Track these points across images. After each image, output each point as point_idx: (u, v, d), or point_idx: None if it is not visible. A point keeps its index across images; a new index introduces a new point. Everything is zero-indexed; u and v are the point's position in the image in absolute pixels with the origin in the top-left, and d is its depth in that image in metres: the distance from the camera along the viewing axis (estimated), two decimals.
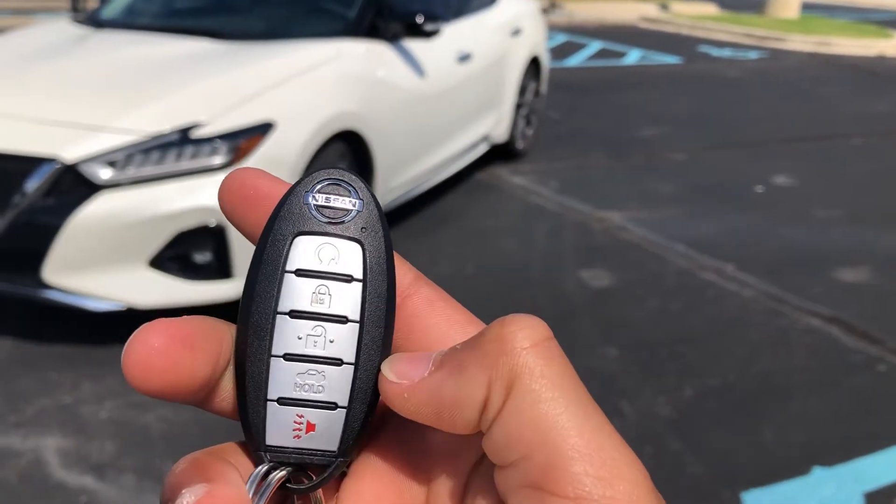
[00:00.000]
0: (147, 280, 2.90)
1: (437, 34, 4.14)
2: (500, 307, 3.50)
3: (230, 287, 3.01)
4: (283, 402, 0.31)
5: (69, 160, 2.82)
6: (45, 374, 2.87)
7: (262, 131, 3.09)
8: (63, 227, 2.77)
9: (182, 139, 2.95)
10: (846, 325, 3.52)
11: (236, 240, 2.93)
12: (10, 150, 2.87)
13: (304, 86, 3.45)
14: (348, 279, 0.31)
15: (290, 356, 0.31)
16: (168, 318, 0.30)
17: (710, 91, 9.20)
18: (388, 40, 4.04)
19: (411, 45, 4.15)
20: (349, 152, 3.60)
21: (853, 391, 3.03)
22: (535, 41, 5.87)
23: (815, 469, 2.55)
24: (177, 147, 2.94)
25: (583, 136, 6.77)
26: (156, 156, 2.91)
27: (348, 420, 0.31)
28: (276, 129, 3.12)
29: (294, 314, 0.31)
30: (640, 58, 11.39)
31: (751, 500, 2.41)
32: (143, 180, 2.87)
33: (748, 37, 14.18)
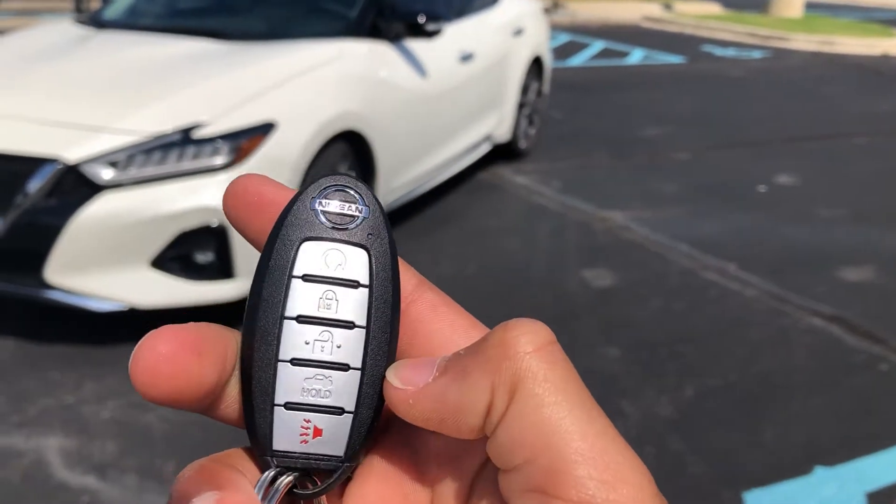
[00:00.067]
0: (149, 280, 2.91)
1: (439, 34, 4.15)
2: (501, 307, 3.51)
3: (232, 287, 3.01)
4: (290, 406, 0.31)
5: (71, 160, 2.82)
6: (47, 374, 2.88)
7: (263, 131, 3.10)
8: (65, 227, 2.78)
9: (184, 139, 2.96)
10: (849, 324, 3.51)
11: (238, 240, 2.93)
12: (13, 150, 2.88)
13: (305, 86, 3.46)
14: (355, 285, 0.31)
15: (297, 361, 0.31)
16: (175, 324, 0.30)
17: (714, 91, 9.19)
18: (389, 40, 4.04)
19: (413, 45, 4.15)
20: (351, 152, 3.60)
21: (855, 391, 3.03)
22: (538, 41, 5.87)
23: (817, 469, 2.54)
24: (178, 147, 2.94)
25: (586, 136, 6.77)
26: (157, 156, 2.91)
27: (355, 425, 0.32)
28: (277, 130, 3.12)
29: (301, 319, 0.31)
30: (644, 57, 11.38)
31: (752, 499, 2.41)
32: (144, 180, 2.88)
33: (752, 36, 14.16)
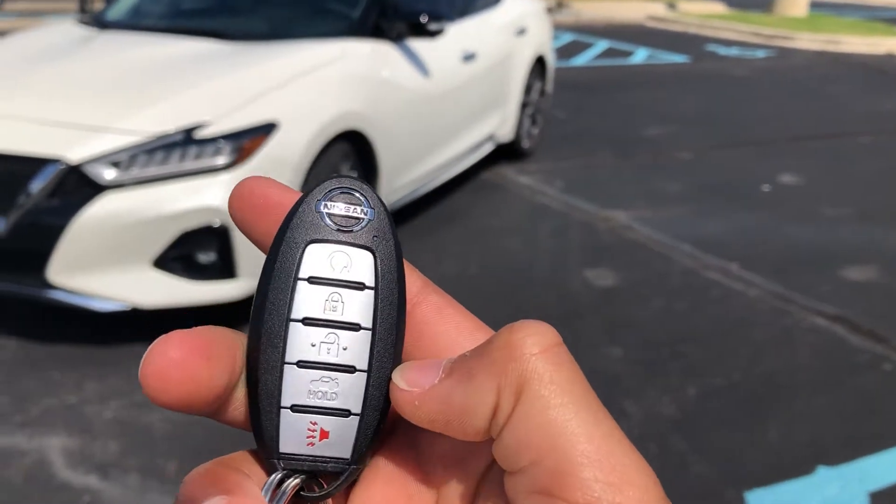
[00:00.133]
0: (151, 280, 2.91)
1: (442, 34, 4.15)
2: (504, 307, 3.51)
3: (234, 287, 3.01)
4: (296, 409, 0.31)
5: (73, 161, 2.83)
6: (49, 374, 2.89)
7: (265, 131, 3.10)
8: (67, 227, 2.78)
9: (186, 139, 2.96)
10: (852, 323, 3.50)
11: (240, 240, 2.93)
12: (15, 150, 2.88)
13: (307, 86, 3.46)
14: (360, 287, 0.31)
15: (303, 363, 0.31)
16: (184, 329, 0.30)
17: (718, 90, 9.17)
18: (392, 40, 4.04)
19: (416, 44, 4.15)
20: (353, 152, 3.60)
21: (858, 390, 3.02)
22: (541, 40, 5.87)
23: (820, 468, 2.54)
24: (180, 147, 2.94)
25: (589, 136, 6.76)
26: (160, 156, 2.91)
27: (361, 427, 0.32)
28: (279, 130, 3.12)
29: (307, 321, 0.31)
30: (647, 57, 11.37)
31: (755, 499, 2.40)
32: (146, 181, 2.88)
33: (756, 35, 14.13)
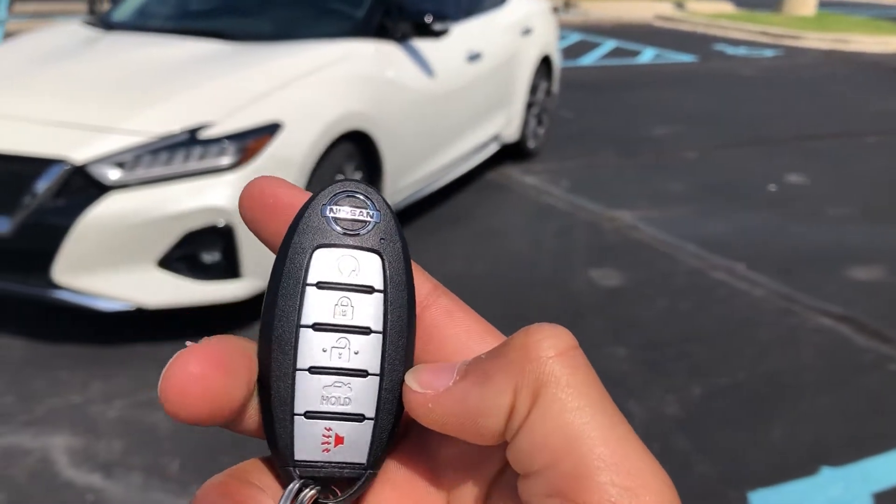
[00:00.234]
0: (156, 280, 2.92)
1: (446, 34, 4.15)
2: (509, 307, 3.51)
3: (238, 287, 3.02)
4: (310, 415, 0.31)
5: (78, 161, 2.84)
6: (55, 373, 2.90)
7: (269, 132, 3.10)
8: (72, 227, 2.79)
9: (190, 140, 2.97)
10: (858, 323, 3.49)
11: (244, 240, 2.94)
12: (21, 151, 2.90)
13: (312, 86, 3.46)
14: (369, 290, 0.31)
15: (315, 369, 0.31)
16: (202, 341, 0.30)
17: (724, 90, 9.15)
18: (396, 40, 4.04)
19: (420, 44, 4.16)
20: (357, 153, 3.60)
21: (863, 390, 3.01)
22: (546, 40, 5.86)
23: (824, 469, 2.53)
24: (185, 148, 2.95)
25: (595, 136, 6.75)
26: (164, 156, 2.92)
27: (376, 431, 0.31)
28: (283, 130, 3.13)
29: (318, 327, 0.31)
30: (655, 56, 11.35)
31: (758, 499, 2.39)
32: (151, 181, 2.89)
33: (764, 35, 14.09)
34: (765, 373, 3.10)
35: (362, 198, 0.32)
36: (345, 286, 0.31)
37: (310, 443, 0.31)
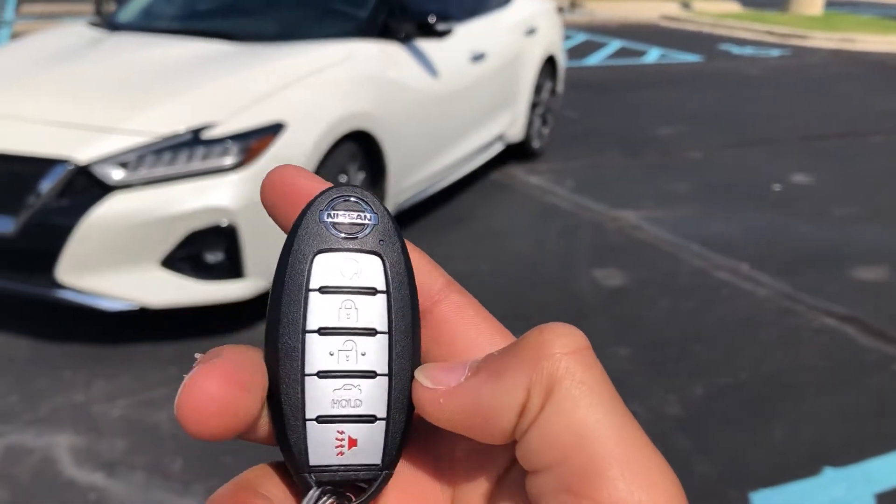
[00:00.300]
0: (159, 280, 2.93)
1: (450, 34, 4.15)
2: (513, 306, 3.51)
3: (242, 286, 3.03)
4: (322, 420, 0.31)
5: (82, 161, 2.85)
6: (59, 372, 2.91)
7: (272, 132, 3.11)
8: (76, 227, 2.81)
9: (193, 140, 2.98)
10: (861, 323, 3.48)
11: (248, 240, 2.95)
12: (25, 151, 2.91)
13: (315, 86, 3.47)
14: (372, 292, 0.32)
15: (323, 373, 0.31)
16: (213, 354, 0.29)
17: (730, 89, 9.13)
18: (400, 40, 4.05)
19: (424, 45, 4.16)
20: (361, 153, 3.61)
21: (866, 391, 3.00)
22: (551, 40, 5.86)
23: (826, 469, 2.52)
24: (188, 148, 2.96)
25: (600, 136, 6.75)
26: (167, 156, 2.93)
27: (389, 431, 0.31)
28: (286, 130, 3.14)
29: (323, 331, 0.31)
30: (660, 56, 11.33)
31: (759, 500, 2.39)
32: (154, 181, 2.90)
33: (770, 34, 14.06)
34: (767, 373, 3.09)
35: (359, 201, 0.32)
36: (348, 289, 0.31)
37: (324, 447, 0.31)
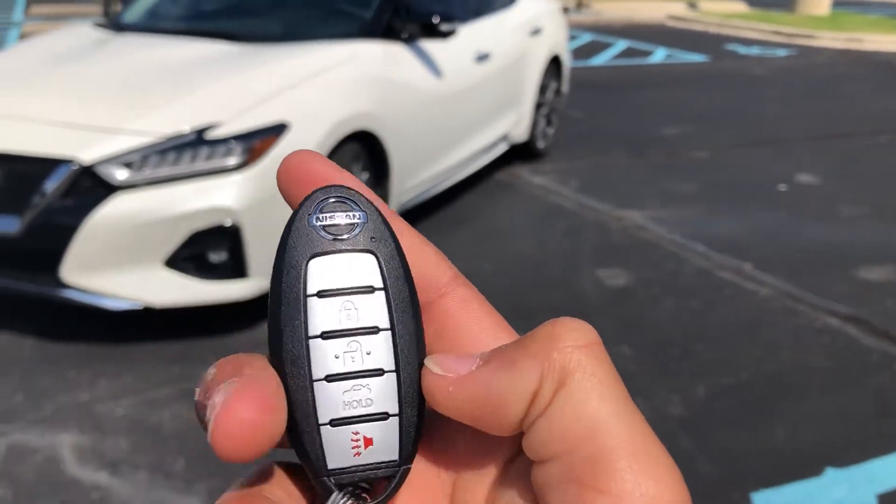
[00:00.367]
0: (163, 279, 2.94)
1: (454, 34, 4.15)
2: (517, 306, 3.51)
3: (245, 286, 3.04)
4: (335, 423, 0.31)
5: (86, 161, 2.87)
6: (64, 371, 2.93)
7: (276, 132, 3.12)
8: (80, 227, 2.82)
9: (197, 140, 2.99)
10: (866, 324, 3.47)
11: (251, 239, 2.96)
12: (30, 151, 2.93)
13: (319, 87, 3.48)
14: (370, 290, 0.32)
15: (331, 377, 0.31)
16: (237, 375, 0.29)
17: (736, 89, 9.11)
18: (404, 41, 4.05)
19: (428, 45, 4.17)
20: (364, 153, 3.62)
21: (869, 391, 2.99)
22: (556, 40, 5.86)
23: (828, 470, 2.52)
24: (192, 148, 2.97)
25: (605, 135, 6.74)
26: (171, 157, 2.95)
27: (403, 426, 0.32)
28: (290, 130, 3.15)
29: (326, 335, 0.31)
30: (666, 56, 11.31)
31: (761, 500, 2.39)
32: (158, 181, 2.91)
33: (777, 34, 14.02)
34: (769, 373, 3.09)
35: (346, 201, 0.32)
36: (345, 290, 0.31)
37: (340, 450, 0.31)
